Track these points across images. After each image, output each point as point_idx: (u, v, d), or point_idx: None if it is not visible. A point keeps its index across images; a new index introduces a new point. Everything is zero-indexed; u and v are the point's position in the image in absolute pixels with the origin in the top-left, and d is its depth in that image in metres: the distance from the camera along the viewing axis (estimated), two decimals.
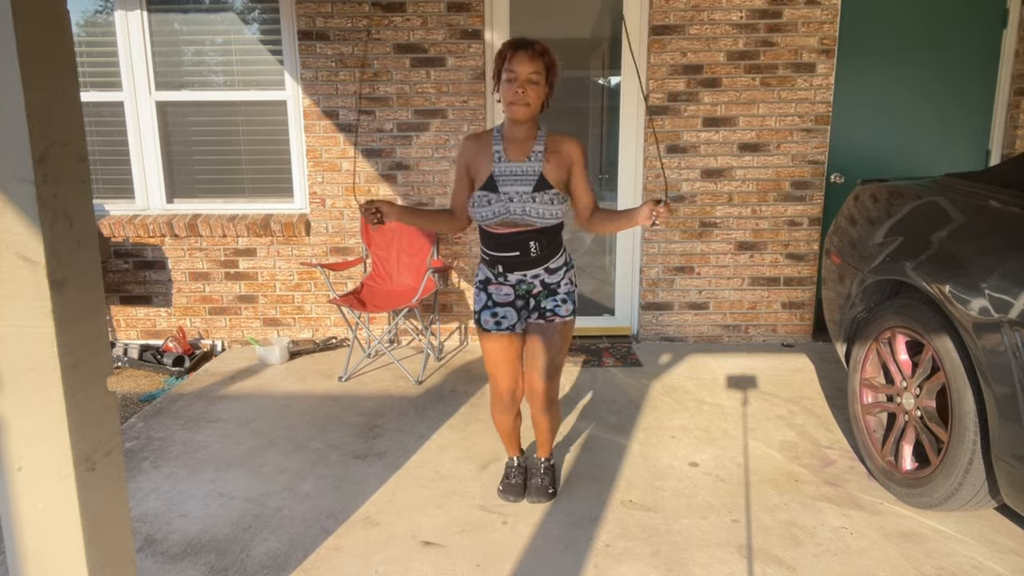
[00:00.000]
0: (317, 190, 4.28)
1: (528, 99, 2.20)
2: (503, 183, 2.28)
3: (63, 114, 1.26)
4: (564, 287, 2.41)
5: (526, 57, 2.18)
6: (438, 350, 4.29)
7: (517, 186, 2.27)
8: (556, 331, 2.39)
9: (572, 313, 2.42)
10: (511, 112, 2.24)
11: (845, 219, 3.07)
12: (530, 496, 2.60)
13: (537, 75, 2.20)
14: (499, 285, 2.41)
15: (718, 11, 4.03)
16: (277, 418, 3.35)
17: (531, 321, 2.42)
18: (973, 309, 2.14)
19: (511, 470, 2.68)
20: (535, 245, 2.31)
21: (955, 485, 2.26)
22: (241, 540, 2.37)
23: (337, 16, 4.08)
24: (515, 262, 2.34)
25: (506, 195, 2.27)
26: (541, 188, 2.26)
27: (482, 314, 2.43)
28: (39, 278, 1.24)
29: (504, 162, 2.30)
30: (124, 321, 4.48)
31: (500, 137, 2.33)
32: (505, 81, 2.21)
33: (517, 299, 2.42)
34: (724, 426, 3.20)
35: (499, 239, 2.32)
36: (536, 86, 2.21)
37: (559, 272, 2.40)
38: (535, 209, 2.25)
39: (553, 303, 2.40)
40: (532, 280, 2.38)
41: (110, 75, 4.26)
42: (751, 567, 2.19)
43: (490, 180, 2.29)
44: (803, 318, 4.38)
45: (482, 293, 2.44)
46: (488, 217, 2.27)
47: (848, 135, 4.32)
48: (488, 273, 2.42)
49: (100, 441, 1.38)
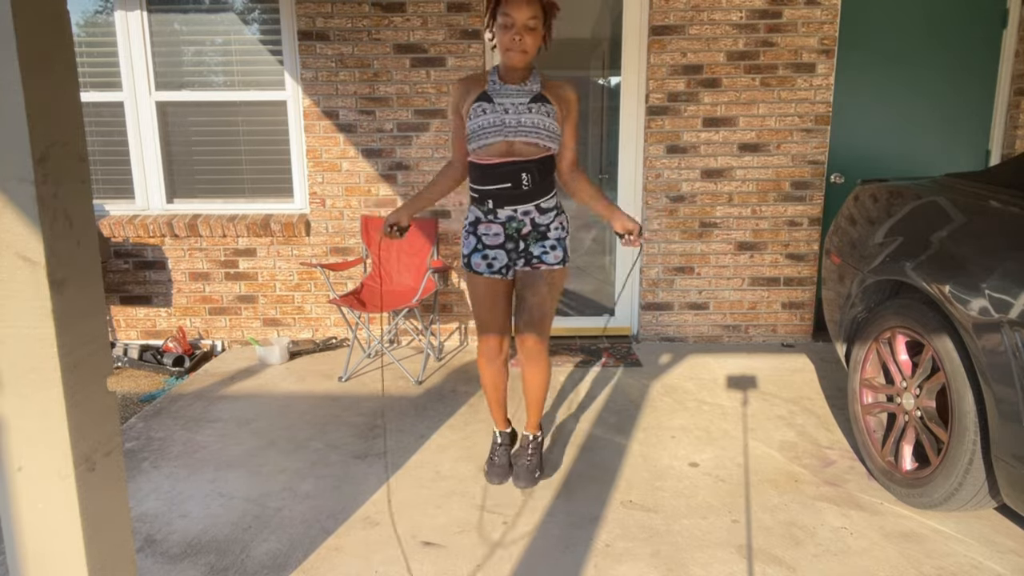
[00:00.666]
0: (317, 190, 4.28)
1: (525, 46, 2.13)
2: (497, 95, 2.21)
3: (63, 114, 1.26)
4: (554, 231, 2.34)
5: (523, 2, 2.09)
6: (438, 350, 4.29)
7: (513, 97, 2.20)
8: (544, 279, 2.31)
9: (562, 262, 2.34)
10: (507, 59, 2.17)
11: (845, 219, 3.07)
12: (516, 479, 2.52)
13: (535, 20, 2.12)
14: (488, 224, 2.32)
15: (718, 11, 4.04)
16: (277, 418, 3.35)
17: (519, 268, 2.35)
18: (973, 309, 2.14)
19: (496, 448, 2.60)
20: (527, 177, 2.22)
21: (955, 485, 2.26)
22: (241, 540, 2.37)
23: (337, 16, 4.08)
24: (505, 195, 2.25)
25: (501, 105, 2.19)
26: (538, 101, 2.20)
27: (472, 257, 2.36)
28: (39, 278, 1.24)
29: (499, 84, 2.24)
30: (124, 321, 4.48)
31: (496, 74, 2.29)
32: (500, 27, 2.13)
33: (507, 240, 2.34)
34: (724, 426, 3.20)
35: (490, 170, 2.24)
36: (533, 32, 2.14)
37: (550, 213, 2.32)
38: (531, 119, 2.16)
39: (541, 249, 2.32)
40: (523, 217, 2.30)
41: (110, 75, 4.26)
42: (751, 567, 2.19)
43: (484, 94, 2.22)
44: (803, 318, 4.38)
45: (471, 236, 2.37)
46: (483, 127, 2.18)
47: (848, 135, 4.32)
48: (478, 212, 2.33)
49: (100, 441, 1.38)
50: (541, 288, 2.32)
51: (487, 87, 2.26)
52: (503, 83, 2.25)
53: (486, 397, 2.63)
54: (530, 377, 2.51)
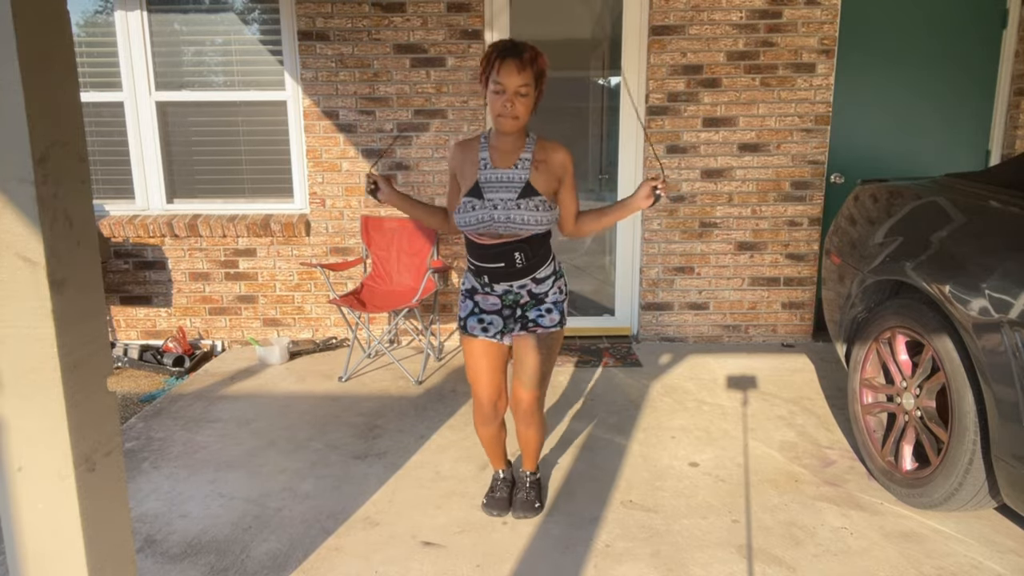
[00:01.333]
0: (317, 190, 4.28)
1: (516, 112, 2.11)
2: (488, 189, 2.20)
3: (63, 114, 1.26)
4: (552, 296, 2.33)
5: (514, 68, 2.08)
6: (438, 350, 4.29)
7: (502, 193, 2.19)
8: (540, 342, 2.30)
9: (558, 324, 2.33)
10: (499, 124, 2.16)
11: (845, 219, 3.07)
12: (515, 511, 2.51)
13: (526, 87, 2.10)
14: (485, 295, 2.33)
15: (718, 11, 4.04)
16: (277, 418, 3.35)
17: (516, 334, 2.34)
18: (973, 309, 2.14)
19: (496, 483, 2.60)
20: (520, 256, 2.23)
21: (955, 485, 2.26)
22: (241, 540, 2.37)
23: (337, 16, 4.08)
24: (500, 273, 2.26)
25: (490, 202, 2.18)
26: (527, 195, 2.18)
27: (468, 320, 2.35)
28: (39, 278, 1.24)
29: (490, 169, 2.22)
30: (124, 321, 4.48)
31: (487, 144, 2.26)
32: (492, 92, 2.12)
33: (504, 308, 2.34)
34: (724, 426, 3.20)
35: (483, 250, 2.24)
36: (525, 98, 2.12)
37: (547, 282, 2.32)
38: (519, 216, 2.16)
39: (537, 313, 2.31)
40: (519, 290, 2.30)
41: (110, 75, 4.26)
42: (751, 567, 2.19)
43: (475, 187, 2.21)
44: (803, 318, 4.38)
45: (468, 301, 2.37)
46: (471, 223, 2.19)
47: (848, 135, 4.32)
48: (474, 282, 2.34)
49: (100, 441, 1.38)
50: (539, 350, 2.31)
51: (479, 175, 2.23)
52: (494, 166, 2.23)
53: (484, 448, 2.60)
54: (524, 436, 2.48)
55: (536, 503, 2.54)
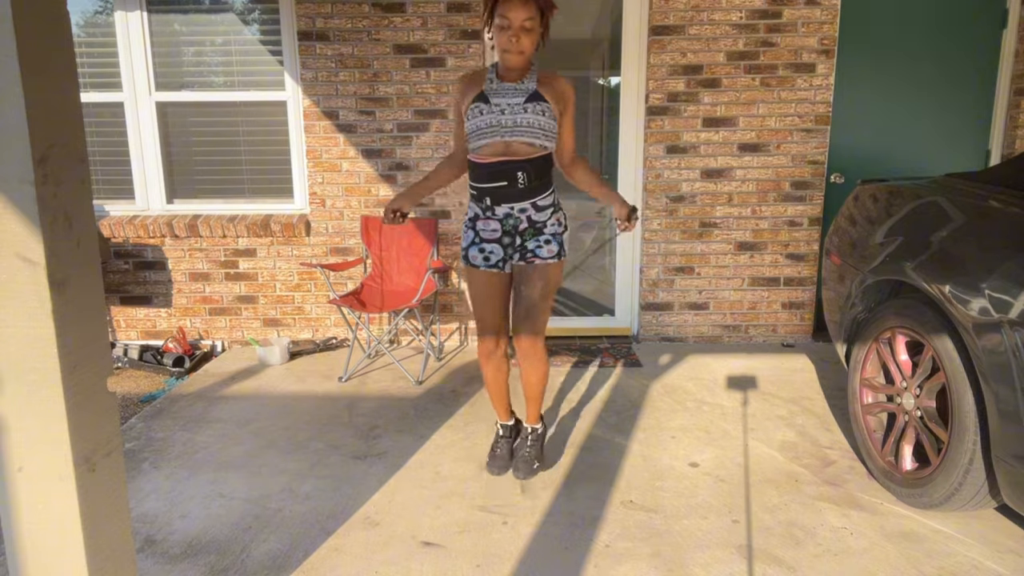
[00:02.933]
0: (317, 190, 4.28)
1: (522, 46, 2.18)
2: (494, 95, 2.27)
3: (63, 115, 1.26)
4: (551, 227, 2.39)
5: (519, 3, 2.14)
6: (438, 350, 4.29)
7: (509, 97, 2.26)
8: (539, 272, 2.35)
9: (556, 256, 2.39)
10: (504, 59, 2.22)
11: (845, 219, 3.07)
12: (515, 469, 2.55)
13: (531, 21, 2.16)
14: (487, 220, 2.39)
15: (718, 11, 4.04)
16: (277, 419, 3.35)
17: (515, 263, 2.40)
18: (973, 309, 2.14)
19: (498, 440, 2.64)
20: (523, 176, 2.28)
21: (955, 485, 2.26)
22: (241, 541, 2.37)
23: (337, 17, 4.08)
24: (502, 193, 2.31)
25: (497, 106, 2.25)
26: (534, 100, 2.25)
27: (469, 250, 2.42)
28: (39, 279, 1.24)
29: (496, 83, 2.31)
30: (124, 322, 4.48)
31: (494, 73, 2.35)
32: (497, 27, 2.18)
33: (504, 235, 2.39)
34: (724, 426, 3.20)
35: (488, 169, 2.29)
36: (530, 32, 2.18)
37: (546, 211, 2.38)
38: (526, 119, 2.21)
39: (535, 243, 2.37)
40: (519, 215, 2.35)
41: (110, 76, 4.26)
42: (751, 567, 2.19)
43: (481, 94, 2.28)
44: (803, 318, 4.38)
45: (470, 231, 2.43)
46: (479, 127, 2.24)
47: (848, 135, 4.32)
48: (476, 209, 2.40)
49: (100, 442, 1.38)
50: (535, 281, 2.36)
51: (484, 87, 2.32)
52: (500, 81, 2.30)
53: (487, 391, 2.64)
54: (527, 373, 2.54)
55: (535, 462, 2.57)
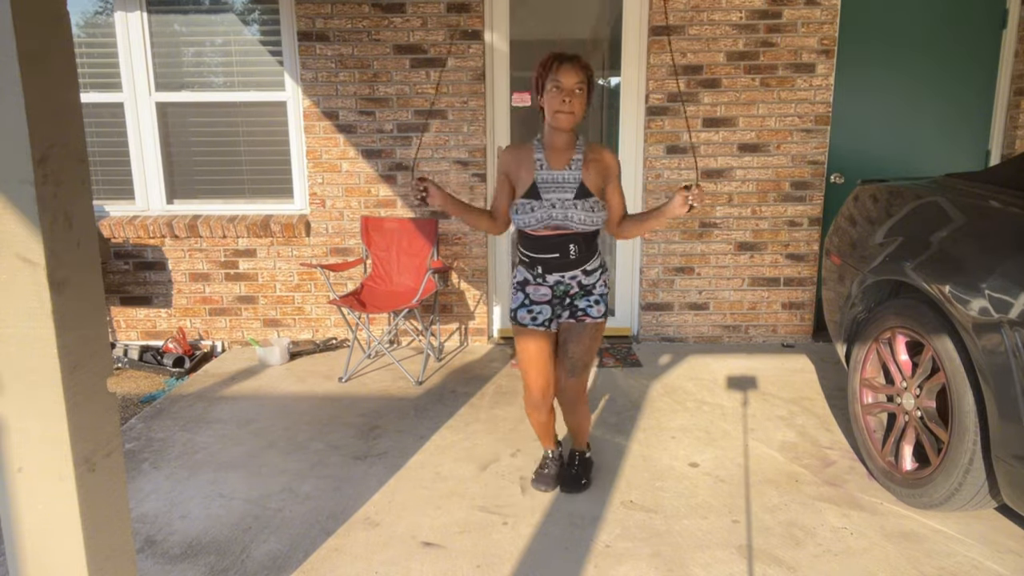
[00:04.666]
0: (317, 191, 4.28)
1: (574, 108, 2.32)
2: (545, 190, 2.39)
3: (63, 115, 1.26)
4: (599, 289, 2.52)
5: (571, 69, 2.30)
6: (438, 351, 4.29)
7: (559, 193, 2.39)
8: (586, 331, 2.48)
9: (603, 315, 2.52)
10: (557, 121, 2.34)
11: (845, 219, 3.07)
12: (563, 486, 2.68)
13: (581, 86, 2.31)
14: (537, 286, 2.51)
15: (718, 11, 4.04)
16: (277, 419, 3.35)
17: (563, 321, 2.52)
18: (973, 309, 2.14)
19: (546, 460, 2.75)
20: (574, 248, 2.42)
21: (955, 485, 2.26)
22: (241, 541, 2.37)
23: (337, 17, 4.08)
24: (554, 263, 2.44)
25: (548, 202, 2.38)
26: (582, 196, 2.38)
27: (518, 311, 2.53)
28: (39, 279, 1.24)
29: (546, 170, 2.41)
30: (124, 322, 4.48)
31: (541, 147, 2.44)
32: (551, 91, 2.32)
33: (554, 298, 2.52)
34: (724, 426, 3.20)
35: (540, 241, 2.42)
36: (580, 96, 2.33)
37: (595, 274, 2.51)
38: (576, 215, 2.36)
39: (586, 303, 2.50)
40: (569, 281, 2.48)
41: (110, 76, 4.26)
42: (751, 567, 2.19)
43: (532, 187, 2.41)
44: (803, 318, 4.38)
45: (519, 293, 2.55)
46: (532, 223, 2.38)
47: (848, 135, 4.32)
48: (526, 274, 2.52)
49: (100, 442, 1.38)
50: (584, 339, 2.48)
51: (535, 175, 2.41)
52: (550, 167, 2.41)
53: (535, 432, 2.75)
54: (569, 422, 2.65)
55: (582, 479, 2.71)
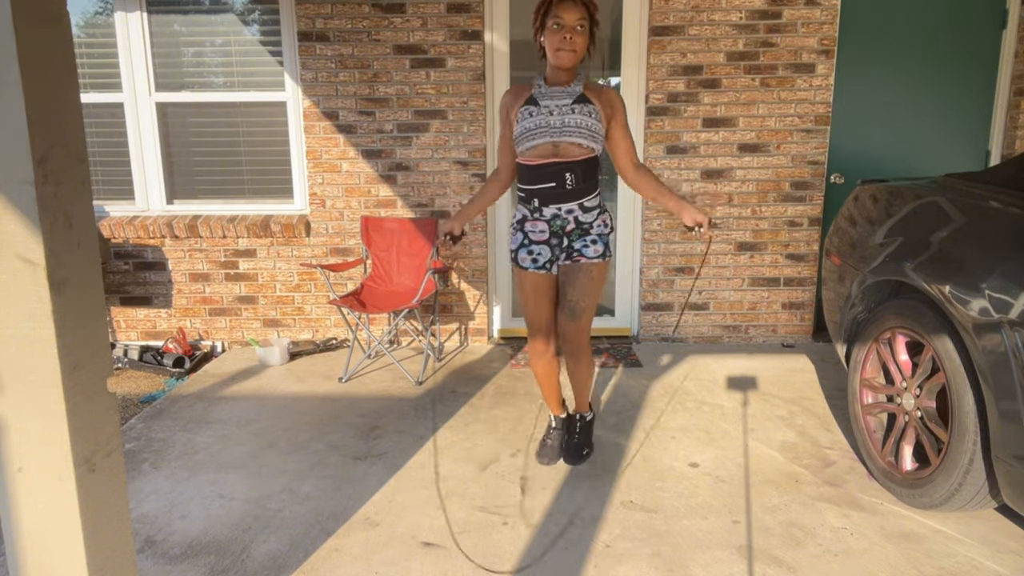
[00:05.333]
0: (317, 191, 4.28)
1: (575, 45, 2.29)
2: (543, 98, 2.37)
3: (63, 115, 1.26)
4: (597, 228, 2.48)
5: (572, 5, 2.28)
6: (438, 351, 4.29)
7: (557, 100, 2.36)
8: (584, 272, 2.44)
9: (602, 256, 2.48)
10: (558, 59, 2.31)
11: (845, 219, 3.07)
12: (567, 457, 2.69)
13: (583, 23, 2.29)
14: (535, 221, 2.48)
15: (718, 12, 4.04)
16: (277, 419, 3.35)
17: (561, 263, 2.49)
18: (973, 309, 2.14)
19: (550, 431, 2.76)
20: (571, 176, 2.38)
21: (955, 485, 2.26)
22: (241, 541, 2.37)
23: (337, 17, 4.08)
24: (551, 194, 2.41)
25: (546, 108, 2.35)
26: (581, 101, 2.35)
27: (518, 252, 2.51)
28: (39, 279, 1.24)
29: (544, 87, 2.41)
30: (124, 322, 4.48)
31: (542, 79, 2.44)
32: (552, 27, 2.29)
33: (552, 236, 2.49)
34: (724, 427, 3.20)
35: (537, 170, 2.39)
36: (582, 33, 2.30)
37: (593, 212, 2.47)
38: (574, 119, 2.32)
39: (583, 243, 2.47)
40: (566, 216, 2.44)
41: (110, 76, 4.26)
42: (751, 568, 2.19)
43: (531, 98, 2.39)
44: (803, 318, 4.38)
45: (518, 233, 2.52)
46: (528, 129, 2.34)
47: (848, 135, 4.32)
48: (524, 211, 2.49)
49: (100, 442, 1.38)
50: (582, 280, 2.45)
51: (533, 91, 2.42)
52: (548, 86, 2.40)
53: (539, 388, 2.73)
54: (572, 370, 2.63)
55: (584, 449, 2.72)
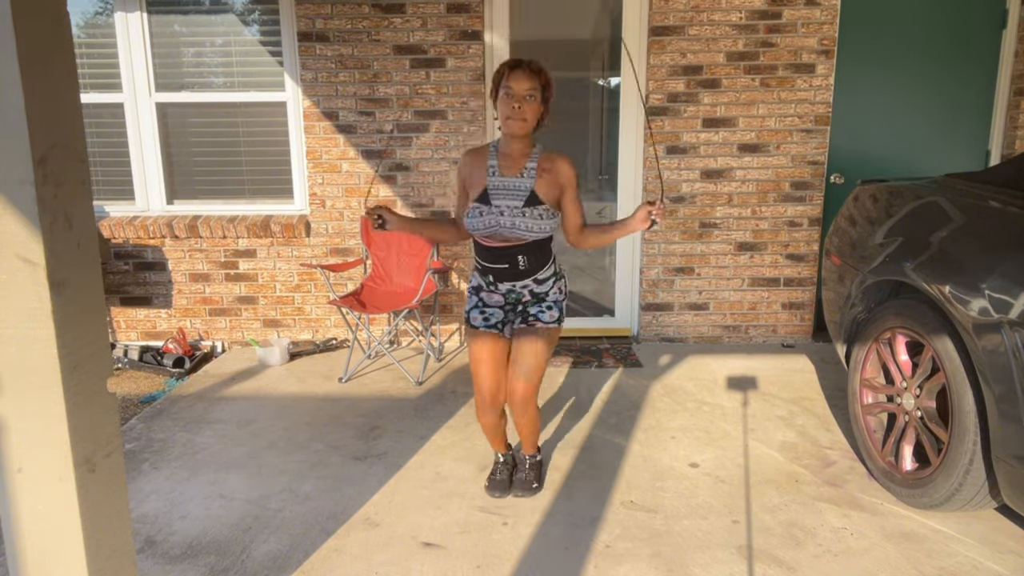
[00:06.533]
0: (317, 191, 4.28)
1: (525, 115, 2.28)
2: (495, 196, 2.36)
3: (63, 116, 1.26)
4: (552, 295, 2.50)
5: (523, 75, 2.27)
6: (438, 351, 4.29)
7: (508, 200, 2.35)
8: (540, 335, 2.45)
9: (557, 321, 2.49)
10: (508, 127, 2.31)
11: (845, 220, 3.07)
12: (515, 490, 2.65)
13: (533, 91, 2.28)
14: (490, 293, 2.50)
15: (718, 12, 4.04)
16: (277, 419, 3.35)
17: (516, 326, 2.50)
18: (973, 309, 2.14)
19: (497, 466, 2.73)
20: (523, 259, 2.40)
21: (955, 485, 2.26)
22: (241, 541, 2.37)
23: (337, 17, 4.08)
24: (505, 273, 2.43)
25: (497, 208, 2.34)
26: (531, 204, 2.34)
27: (471, 312, 2.53)
28: (39, 279, 1.24)
29: (497, 176, 2.38)
30: (124, 322, 4.48)
31: (496, 152, 2.41)
32: (503, 97, 2.29)
33: (507, 304, 2.52)
34: (724, 427, 3.20)
35: (490, 251, 2.42)
36: (532, 102, 2.29)
37: (547, 283, 2.48)
38: (524, 223, 2.32)
39: (538, 309, 2.48)
40: (521, 290, 2.47)
41: (110, 76, 4.26)
42: (751, 568, 2.19)
43: (484, 193, 2.38)
44: (803, 319, 4.38)
45: (474, 296, 2.55)
46: (479, 228, 2.35)
47: (848, 135, 4.32)
48: (480, 281, 2.52)
49: (100, 443, 1.38)
50: (536, 341, 2.44)
51: (487, 182, 2.37)
52: (501, 174, 2.37)
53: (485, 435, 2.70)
54: (520, 424, 2.58)
55: (534, 483, 2.68)
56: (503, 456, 2.73)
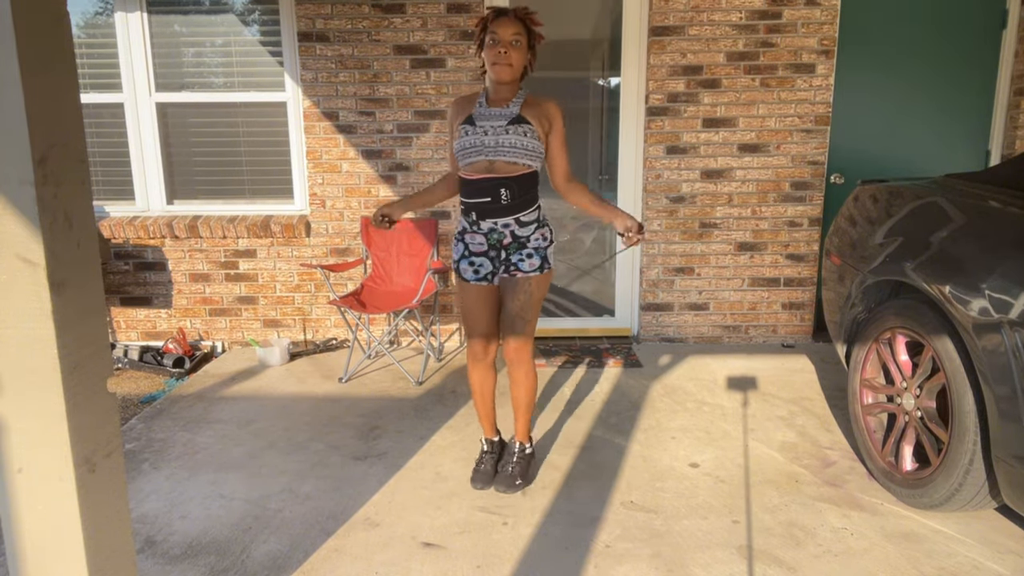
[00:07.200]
0: (317, 191, 4.28)
1: (511, 59, 2.31)
2: (480, 119, 2.40)
3: (63, 115, 1.26)
4: (533, 241, 2.49)
5: (508, 20, 2.31)
6: (438, 351, 4.29)
7: (493, 120, 2.39)
8: (521, 286, 2.45)
9: (539, 269, 2.49)
10: (494, 72, 2.33)
11: (845, 220, 3.07)
12: (497, 484, 2.62)
13: (519, 36, 2.31)
14: (473, 234, 2.50)
15: (718, 12, 4.04)
16: (277, 419, 3.35)
17: (501, 276, 2.51)
18: (973, 309, 2.14)
19: (483, 455, 2.72)
20: (506, 192, 2.39)
21: (955, 485, 2.26)
22: (241, 541, 2.37)
23: (337, 17, 4.08)
24: (486, 208, 2.42)
25: (481, 128, 2.38)
26: (516, 123, 2.37)
27: (460, 263, 2.54)
28: (39, 279, 1.24)
29: (484, 107, 2.43)
30: (124, 322, 4.48)
31: (484, 97, 2.46)
32: (488, 44, 2.32)
33: (490, 249, 2.51)
34: (724, 427, 3.20)
35: (473, 184, 2.42)
36: (518, 48, 2.32)
37: (530, 226, 2.48)
38: (507, 140, 2.34)
39: (519, 257, 2.47)
40: (503, 229, 2.46)
41: (110, 76, 4.26)
42: (751, 568, 2.19)
43: (469, 117, 2.42)
44: (803, 319, 4.38)
45: (460, 243, 2.55)
46: (464, 147, 2.38)
47: (848, 135, 4.32)
48: (464, 222, 2.52)
49: (100, 443, 1.38)
50: (519, 295, 2.46)
51: (474, 110, 2.45)
52: (488, 106, 2.43)
53: (474, 401, 2.69)
54: (514, 381, 2.61)
55: (518, 480, 2.62)
56: (488, 442, 2.72)
